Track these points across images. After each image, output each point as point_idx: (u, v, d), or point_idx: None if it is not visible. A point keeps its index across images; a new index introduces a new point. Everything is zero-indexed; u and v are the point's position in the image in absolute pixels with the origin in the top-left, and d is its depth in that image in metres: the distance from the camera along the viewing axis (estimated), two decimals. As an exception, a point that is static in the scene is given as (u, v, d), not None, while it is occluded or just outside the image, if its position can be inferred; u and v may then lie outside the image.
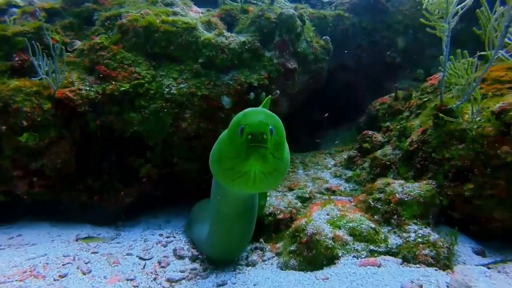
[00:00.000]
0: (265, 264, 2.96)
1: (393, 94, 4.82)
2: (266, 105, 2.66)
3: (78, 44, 4.17)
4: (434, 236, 2.50)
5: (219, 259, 2.91)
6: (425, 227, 2.64)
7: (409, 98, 4.43)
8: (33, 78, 3.33)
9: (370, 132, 4.28)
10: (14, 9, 5.20)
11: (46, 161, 3.46)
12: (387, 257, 2.52)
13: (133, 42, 3.95)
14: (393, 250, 2.61)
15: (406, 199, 2.83)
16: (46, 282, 2.45)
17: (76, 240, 3.37)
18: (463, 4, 2.99)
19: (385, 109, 4.69)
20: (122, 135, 3.76)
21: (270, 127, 1.82)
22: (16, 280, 2.45)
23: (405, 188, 2.92)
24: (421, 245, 2.47)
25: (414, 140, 3.39)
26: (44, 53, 3.40)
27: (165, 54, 4.09)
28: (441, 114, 2.97)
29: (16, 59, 3.75)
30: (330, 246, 2.59)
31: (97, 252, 3.07)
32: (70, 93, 3.52)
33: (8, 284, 2.38)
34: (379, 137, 4.24)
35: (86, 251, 3.11)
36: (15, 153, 3.40)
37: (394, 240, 2.66)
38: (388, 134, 4.13)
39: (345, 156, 4.51)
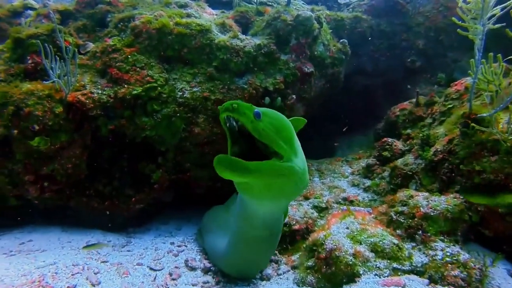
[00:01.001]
0: (280, 279, 2.82)
1: (413, 100, 4.63)
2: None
3: (91, 46, 4.12)
4: (464, 256, 2.32)
5: (236, 276, 2.78)
6: (453, 245, 2.46)
7: (432, 104, 4.23)
8: (45, 82, 3.27)
9: (390, 140, 4.10)
10: (30, 11, 5.22)
11: (57, 165, 3.39)
12: (412, 277, 2.35)
13: (146, 44, 3.87)
14: (418, 269, 2.44)
15: (432, 213, 2.65)
16: (54, 293, 2.37)
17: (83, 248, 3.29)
18: (504, 4, 2.78)
19: (406, 116, 4.50)
20: (133, 140, 3.68)
21: (256, 110, 1.85)
22: (23, 291, 2.37)
23: (430, 201, 2.74)
24: (449, 265, 2.30)
25: (439, 149, 3.20)
26: (56, 56, 3.33)
27: (179, 57, 4.00)
28: (472, 123, 2.77)
29: (30, 61, 3.71)
30: (351, 263, 2.44)
31: (106, 262, 2.98)
32: (82, 97, 3.45)
33: (16, 296, 2.31)
34: (399, 145, 4.05)
35: (96, 260, 3.02)
36: (27, 158, 3.34)
37: (419, 258, 2.49)
38: (409, 143, 3.94)
39: (363, 164, 4.34)
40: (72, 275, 2.64)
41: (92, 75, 3.79)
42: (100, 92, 3.60)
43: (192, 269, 2.96)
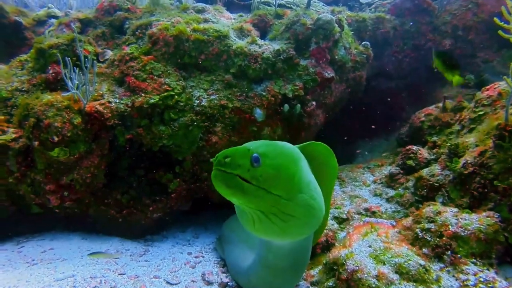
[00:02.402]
0: (299, 297, 2.73)
1: (439, 104, 4.41)
2: None
3: (109, 54, 4.13)
4: (501, 284, 2.15)
5: None
6: (488, 269, 2.29)
7: (460, 109, 4.01)
8: (63, 94, 3.29)
9: (415, 148, 3.91)
10: (53, 20, 5.31)
11: (76, 175, 3.42)
12: (441, 302, 2.21)
13: (163, 52, 3.84)
14: (447, 294, 2.28)
15: (462, 233, 2.48)
16: (71, 310, 2.37)
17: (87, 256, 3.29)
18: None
19: (431, 121, 4.28)
20: (151, 149, 3.66)
21: (254, 154, 1.71)
22: (42, 306, 2.39)
23: (460, 219, 2.57)
24: (484, 292, 2.13)
25: (469, 161, 3.00)
26: (75, 67, 3.34)
27: (196, 64, 3.95)
28: (508, 135, 2.58)
29: (51, 71, 3.76)
30: (374, 285, 2.30)
31: (124, 274, 2.97)
32: (100, 107, 3.46)
33: (34, 311, 2.32)
34: (424, 153, 3.86)
35: (113, 271, 3.02)
36: (47, 168, 3.38)
37: (448, 282, 2.33)
38: (436, 151, 3.74)
39: (386, 172, 4.16)
40: (89, 289, 2.64)
41: (110, 83, 3.80)
42: (117, 101, 3.60)
43: (209, 283, 2.91)
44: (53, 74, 3.70)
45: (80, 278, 2.79)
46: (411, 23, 5.44)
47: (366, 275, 2.35)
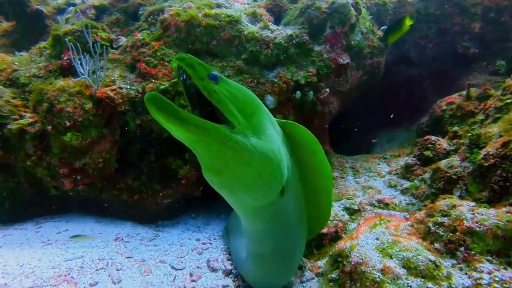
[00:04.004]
0: (303, 287, 2.68)
1: (463, 92, 4.15)
2: None
3: (123, 40, 4.15)
4: (516, 284, 2.00)
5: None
6: (504, 268, 2.13)
7: (486, 98, 3.75)
8: (73, 79, 3.34)
9: (434, 138, 3.70)
10: (72, 8, 5.40)
11: (88, 160, 3.49)
12: (450, 300, 2.09)
13: (175, 37, 3.81)
14: (457, 292, 2.15)
15: (477, 229, 2.32)
16: (76, 289, 2.44)
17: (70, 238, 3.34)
18: None
19: (453, 110, 4.05)
20: (161, 135, 3.67)
21: (214, 72, 1.66)
22: (50, 285, 2.47)
23: (476, 214, 2.40)
24: (497, 292, 1.99)
25: (490, 153, 2.80)
26: (85, 53, 3.38)
27: (207, 50, 3.90)
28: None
29: (65, 58, 3.83)
30: (378, 279, 2.21)
31: (131, 257, 3.03)
32: (111, 92, 3.49)
33: (42, 289, 2.41)
34: (444, 144, 3.65)
35: (121, 254, 3.08)
36: (61, 152, 3.47)
37: (460, 279, 2.19)
38: (456, 142, 3.53)
39: (402, 163, 3.99)
40: (96, 270, 2.71)
41: (122, 70, 3.82)
42: (128, 87, 3.63)
43: (214, 270, 2.91)
44: (67, 61, 3.76)
45: (88, 259, 2.86)
46: (436, 6, 5.11)
47: (370, 269, 2.26)
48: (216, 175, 1.84)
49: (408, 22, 3.72)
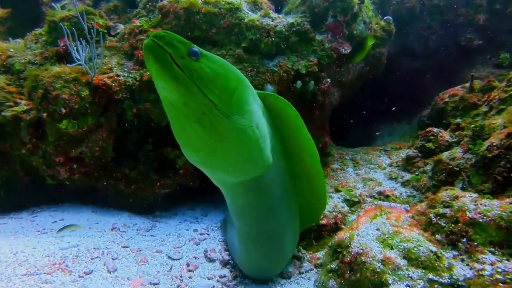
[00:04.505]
0: (302, 278, 2.64)
1: (466, 84, 4.08)
2: None
3: (121, 28, 4.07)
4: (520, 275, 1.96)
5: (250, 277, 2.64)
6: (507, 260, 2.09)
7: (489, 89, 3.68)
8: (68, 65, 3.27)
9: (436, 130, 3.64)
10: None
11: (85, 148, 3.43)
12: (451, 291, 2.05)
13: (173, 25, 3.72)
14: (459, 283, 2.10)
15: (480, 220, 2.27)
16: (71, 278, 2.39)
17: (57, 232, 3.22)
18: None
19: (456, 102, 3.98)
20: (159, 124, 3.61)
21: (194, 48, 1.60)
22: (44, 273, 2.42)
23: (479, 205, 2.35)
24: (501, 284, 1.95)
25: (494, 144, 2.75)
26: (81, 39, 3.30)
27: (206, 38, 3.81)
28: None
29: (61, 44, 3.75)
30: (379, 270, 2.17)
31: (127, 247, 2.98)
32: (108, 80, 3.42)
33: (36, 277, 2.36)
34: (446, 135, 3.59)
35: (117, 244, 3.04)
36: (57, 140, 3.41)
37: (461, 271, 2.15)
38: (458, 134, 3.47)
39: (403, 156, 3.93)
40: (91, 259, 2.66)
41: (120, 57, 3.75)
42: (126, 75, 3.55)
43: (211, 260, 2.87)
44: (64, 47, 3.68)
45: (83, 248, 2.82)
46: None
47: (371, 259, 2.22)
48: (194, 152, 1.82)
49: (369, 42, 4.01)
